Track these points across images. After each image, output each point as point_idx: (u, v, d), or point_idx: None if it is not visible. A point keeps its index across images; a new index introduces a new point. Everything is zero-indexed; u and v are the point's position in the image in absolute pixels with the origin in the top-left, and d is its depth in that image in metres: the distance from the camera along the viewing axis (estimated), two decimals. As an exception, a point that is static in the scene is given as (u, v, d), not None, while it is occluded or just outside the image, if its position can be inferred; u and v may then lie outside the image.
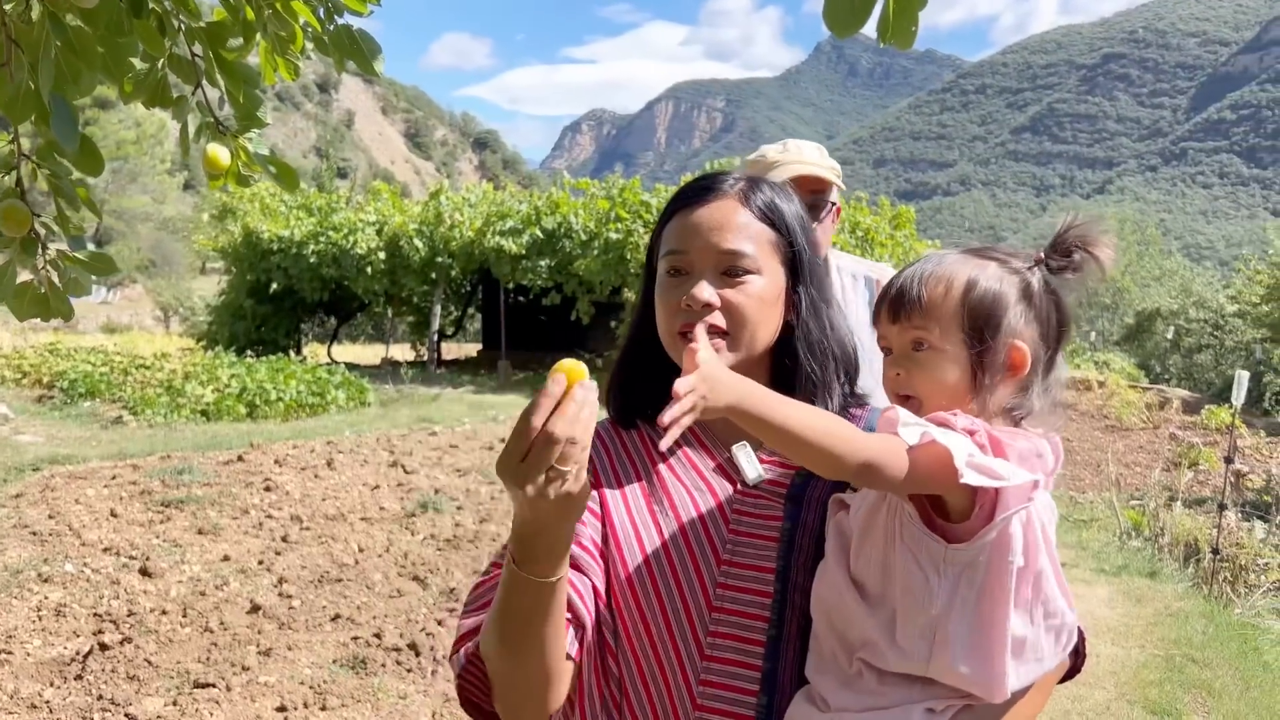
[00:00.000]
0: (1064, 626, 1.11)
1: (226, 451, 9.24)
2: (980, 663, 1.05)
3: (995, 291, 1.13)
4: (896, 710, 1.07)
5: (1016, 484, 1.01)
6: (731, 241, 1.22)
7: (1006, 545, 1.04)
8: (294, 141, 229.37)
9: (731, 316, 1.22)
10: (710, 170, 1.35)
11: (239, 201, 22.12)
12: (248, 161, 1.73)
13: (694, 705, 1.19)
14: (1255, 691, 5.22)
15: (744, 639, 1.19)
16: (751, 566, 1.21)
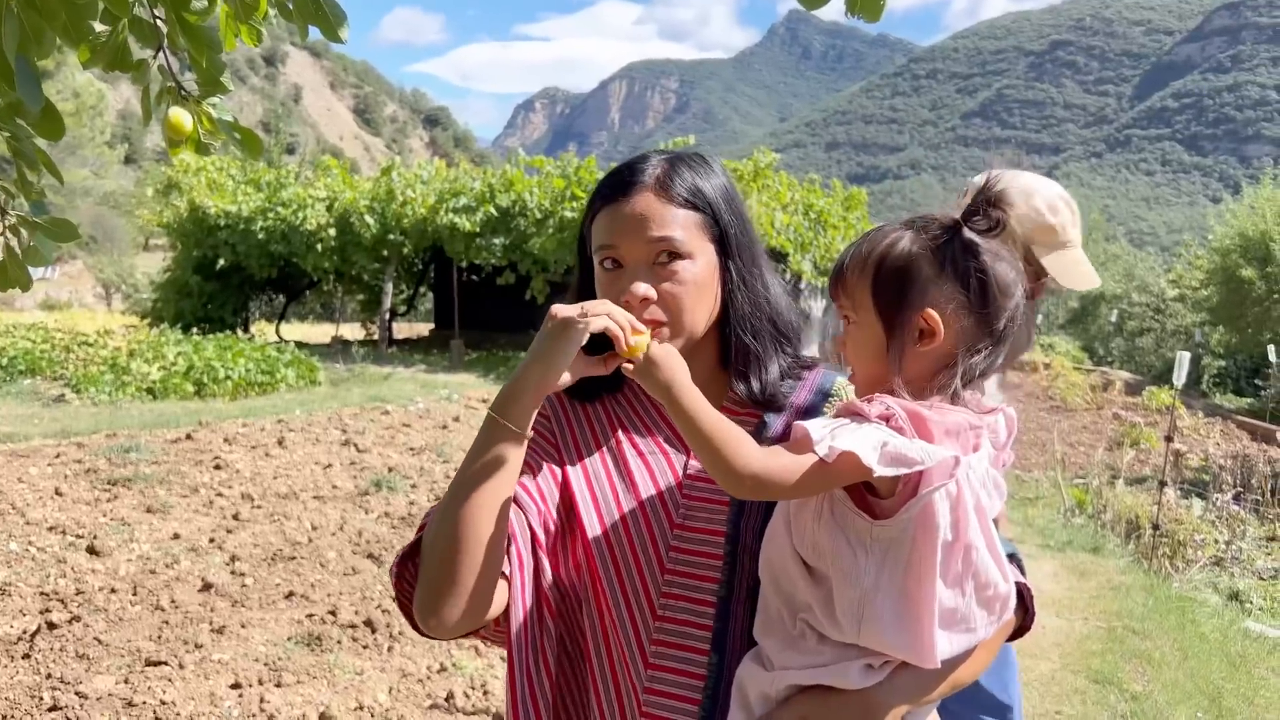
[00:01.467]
0: (997, 597, 1.12)
1: (174, 430, 9.09)
2: (908, 635, 1.07)
3: (901, 262, 1.12)
4: (835, 666, 1.10)
5: (926, 461, 1.01)
6: (657, 230, 1.24)
7: (932, 520, 1.05)
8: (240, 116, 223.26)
9: (668, 306, 1.24)
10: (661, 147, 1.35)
11: (184, 176, 21.64)
12: (210, 128, 1.70)
13: (646, 664, 1.22)
14: (1192, 660, 5.40)
15: (695, 600, 1.23)
16: (703, 530, 1.25)
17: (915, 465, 1.01)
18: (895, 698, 1.11)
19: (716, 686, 1.20)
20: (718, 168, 1.34)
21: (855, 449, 1.01)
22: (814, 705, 1.10)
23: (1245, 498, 9.97)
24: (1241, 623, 6.57)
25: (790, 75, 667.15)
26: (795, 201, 21.84)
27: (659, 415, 1.34)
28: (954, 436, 1.08)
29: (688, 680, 1.21)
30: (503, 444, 1.15)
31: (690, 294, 1.25)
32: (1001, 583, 1.12)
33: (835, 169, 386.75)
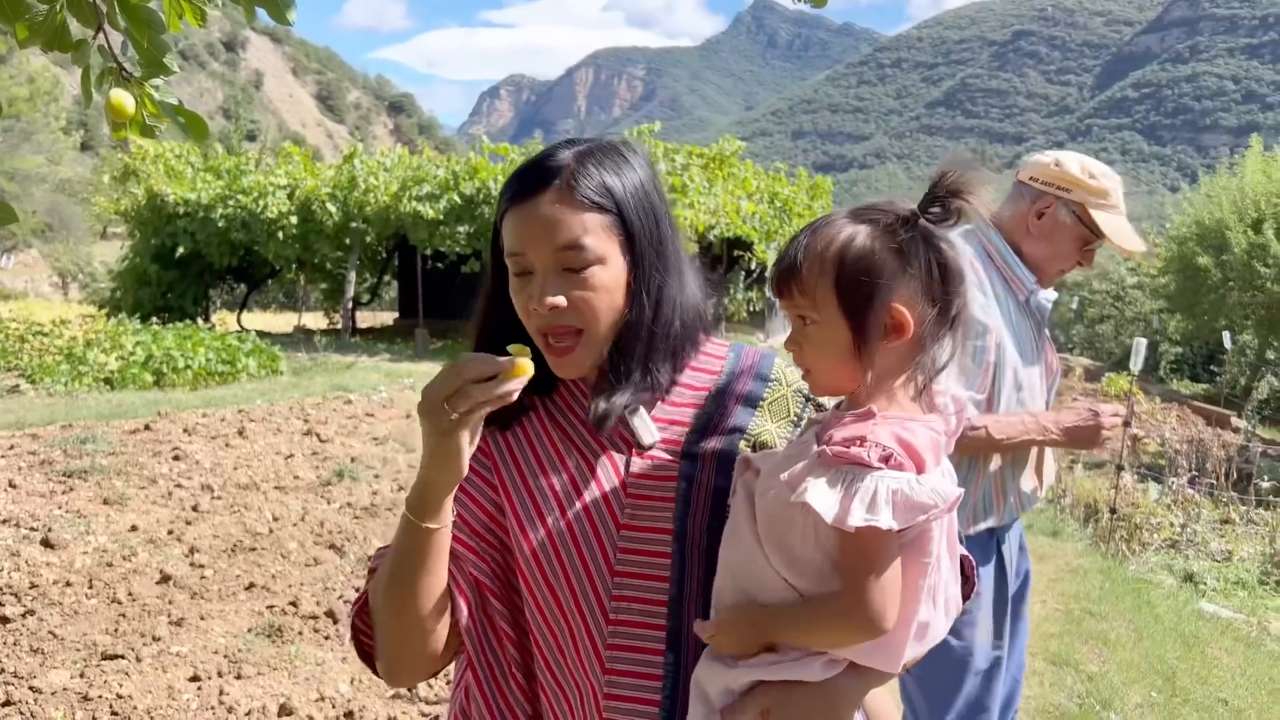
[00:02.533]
0: (952, 600, 1.14)
1: (132, 420, 8.95)
2: (884, 651, 1.08)
3: (867, 258, 1.10)
4: (800, 662, 1.09)
5: (936, 503, 1.00)
6: (564, 237, 1.19)
7: (925, 547, 1.06)
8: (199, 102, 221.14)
9: (580, 313, 1.20)
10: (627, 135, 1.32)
11: (141, 163, 21.28)
12: (153, 111, 1.67)
13: (603, 669, 1.21)
14: (1147, 642, 5.50)
15: (647, 600, 1.21)
16: (649, 529, 1.22)
17: (929, 510, 1.01)
18: (855, 688, 1.12)
19: (675, 686, 1.19)
20: (636, 160, 1.28)
21: (871, 522, 0.99)
22: (777, 696, 1.10)
23: (1200, 481, 10.15)
24: (1195, 604, 6.70)
25: (756, 64, 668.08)
26: (761, 190, 21.91)
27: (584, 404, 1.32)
28: (933, 451, 1.08)
29: (645, 682, 1.20)
30: (426, 540, 1.18)
31: (602, 300, 1.21)
32: (955, 586, 1.14)
33: (801, 158, 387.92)
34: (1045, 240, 2.47)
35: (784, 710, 1.09)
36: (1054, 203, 2.45)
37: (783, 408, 1.33)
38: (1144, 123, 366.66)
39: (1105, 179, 2.42)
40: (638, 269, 1.24)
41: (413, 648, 1.23)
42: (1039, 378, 2.49)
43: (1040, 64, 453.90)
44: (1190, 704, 4.61)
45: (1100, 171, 2.44)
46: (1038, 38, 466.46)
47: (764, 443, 1.28)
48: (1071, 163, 2.47)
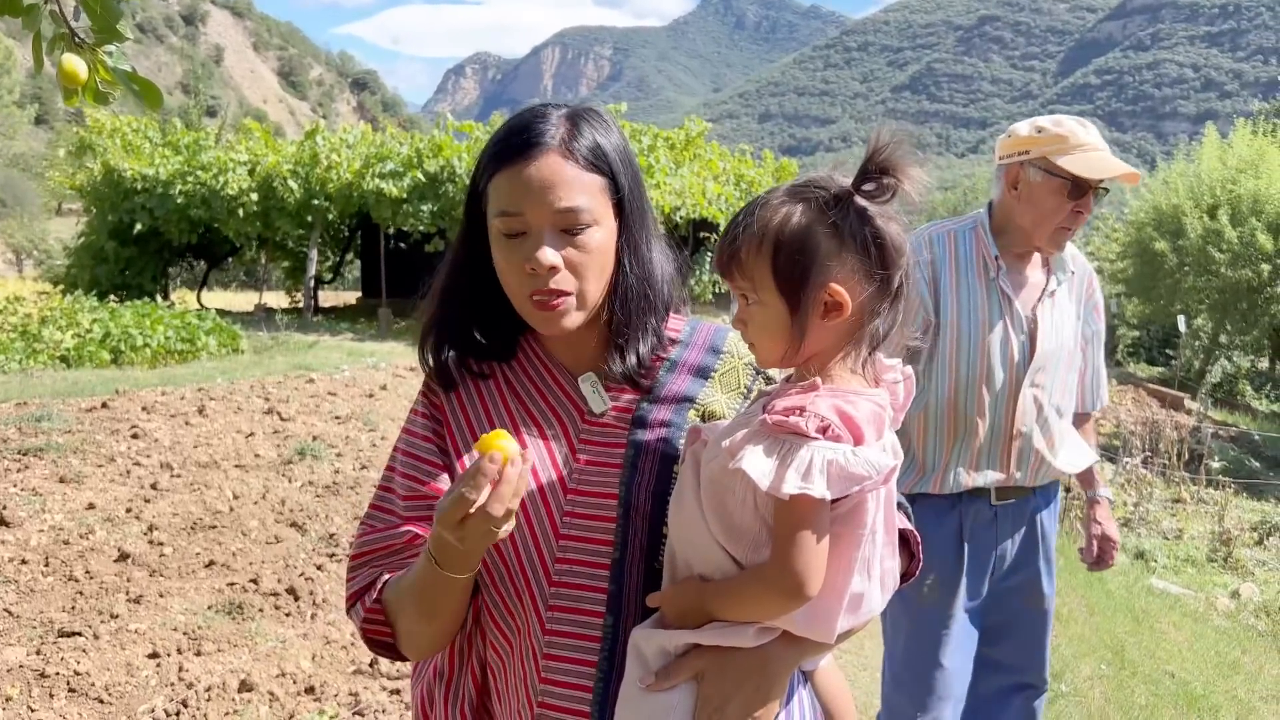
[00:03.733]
0: (888, 574, 1.15)
1: (90, 398, 8.83)
2: (818, 621, 1.10)
3: (802, 239, 1.10)
4: (732, 628, 1.12)
5: (870, 474, 1.02)
6: (566, 199, 1.19)
7: (860, 519, 1.08)
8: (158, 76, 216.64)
9: (577, 275, 1.21)
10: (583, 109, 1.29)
11: (98, 138, 20.87)
12: (106, 77, 1.65)
13: (544, 630, 1.22)
14: (1098, 617, 5.63)
15: (590, 563, 1.22)
16: (595, 493, 1.24)
17: (863, 482, 1.02)
18: (791, 652, 1.14)
19: (612, 649, 1.21)
20: (614, 124, 1.29)
21: (805, 490, 1.01)
22: (710, 661, 1.12)
23: (1153, 462, 10.37)
24: (1146, 580, 6.86)
25: (724, 45, 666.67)
26: (727, 172, 21.92)
27: (552, 380, 1.32)
28: (874, 424, 1.09)
29: (584, 643, 1.22)
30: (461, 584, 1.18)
31: (596, 262, 1.22)
32: (891, 560, 1.15)
33: (768, 140, 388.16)
34: (1028, 205, 2.53)
35: (717, 675, 1.12)
36: (1019, 168, 2.53)
37: (733, 380, 1.36)
38: (1105, 109, 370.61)
39: (1057, 126, 2.47)
40: (626, 231, 1.27)
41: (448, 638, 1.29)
42: (998, 344, 2.52)
43: (1005, 49, 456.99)
44: (1139, 676, 4.72)
45: (1050, 122, 2.50)
46: (1003, 23, 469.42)
47: (714, 413, 1.31)
48: (1021, 127, 2.57)
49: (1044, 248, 2.55)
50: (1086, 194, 2.45)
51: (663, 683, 1.12)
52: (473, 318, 1.31)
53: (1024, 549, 2.68)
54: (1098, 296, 2.77)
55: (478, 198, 1.27)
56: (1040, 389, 2.56)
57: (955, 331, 2.54)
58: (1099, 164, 2.42)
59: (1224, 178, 20.49)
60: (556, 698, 1.21)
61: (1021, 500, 2.65)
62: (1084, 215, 2.49)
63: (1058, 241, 2.52)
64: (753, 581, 1.09)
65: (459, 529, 1.05)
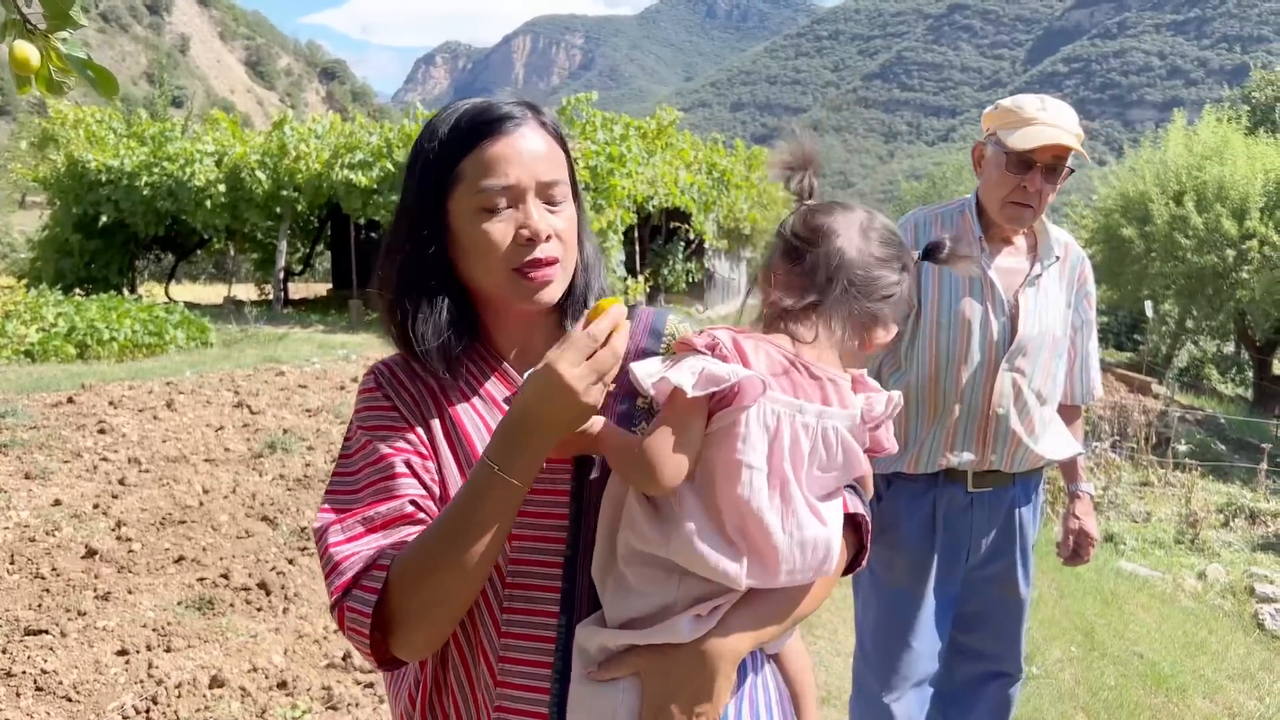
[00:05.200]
0: (814, 541, 1.14)
1: (55, 393, 8.71)
2: (714, 555, 1.10)
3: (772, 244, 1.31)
4: (664, 625, 1.11)
5: (738, 380, 1.09)
6: (549, 171, 1.22)
7: (734, 434, 1.11)
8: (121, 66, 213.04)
9: (562, 245, 1.23)
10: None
11: (61, 129, 20.52)
12: (60, 64, 1.61)
13: (499, 632, 1.21)
14: (1068, 599, 5.70)
15: (543, 563, 1.21)
16: (547, 491, 1.22)
17: (725, 382, 1.09)
18: (730, 643, 1.13)
19: (568, 647, 1.19)
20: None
21: (675, 381, 1.09)
22: (648, 660, 1.12)
23: (1122, 446, 10.49)
24: (1115, 563, 6.95)
25: (695, 34, 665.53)
26: (699, 161, 21.90)
27: (497, 377, 1.29)
28: (772, 369, 1.14)
29: (539, 645, 1.20)
30: (513, 500, 1.12)
31: (572, 235, 1.26)
32: (815, 525, 1.14)
33: (740, 129, 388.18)
34: (983, 181, 2.59)
35: (657, 673, 1.11)
36: (982, 146, 2.61)
37: None
38: (1074, 97, 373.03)
39: (1012, 102, 2.53)
40: (580, 212, 1.30)
41: (463, 608, 1.16)
42: (978, 325, 2.54)
43: (974, 38, 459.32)
44: (1108, 658, 4.79)
45: (1010, 100, 2.56)
46: (972, 11, 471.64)
47: None
48: (989, 108, 2.63)
49: (1001, 224, 2.57)
50: (1031, 169, 2.45)
51: (603, 674, 1.13)
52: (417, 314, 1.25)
53: (1000, 539, 2.70)
54: (1089, 285, 2.77)
55: (443, 187, 1.22)
56: (1020, 373, 2.58)
57: (936, 311, 2.56)
58: (1032, 135, 2.43)
59: (1190, 164, 20.71)
60: (514, 700, 1.19)
61: (999, 489, 2.66)
62: (1032, 190, 2.47)
63: (1009, 216, 2.54)
64: (626, 449, 1.14)
65: (598, 384, 1.07)
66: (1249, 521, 8.51)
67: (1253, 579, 6.86)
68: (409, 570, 1.12)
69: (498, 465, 1.10)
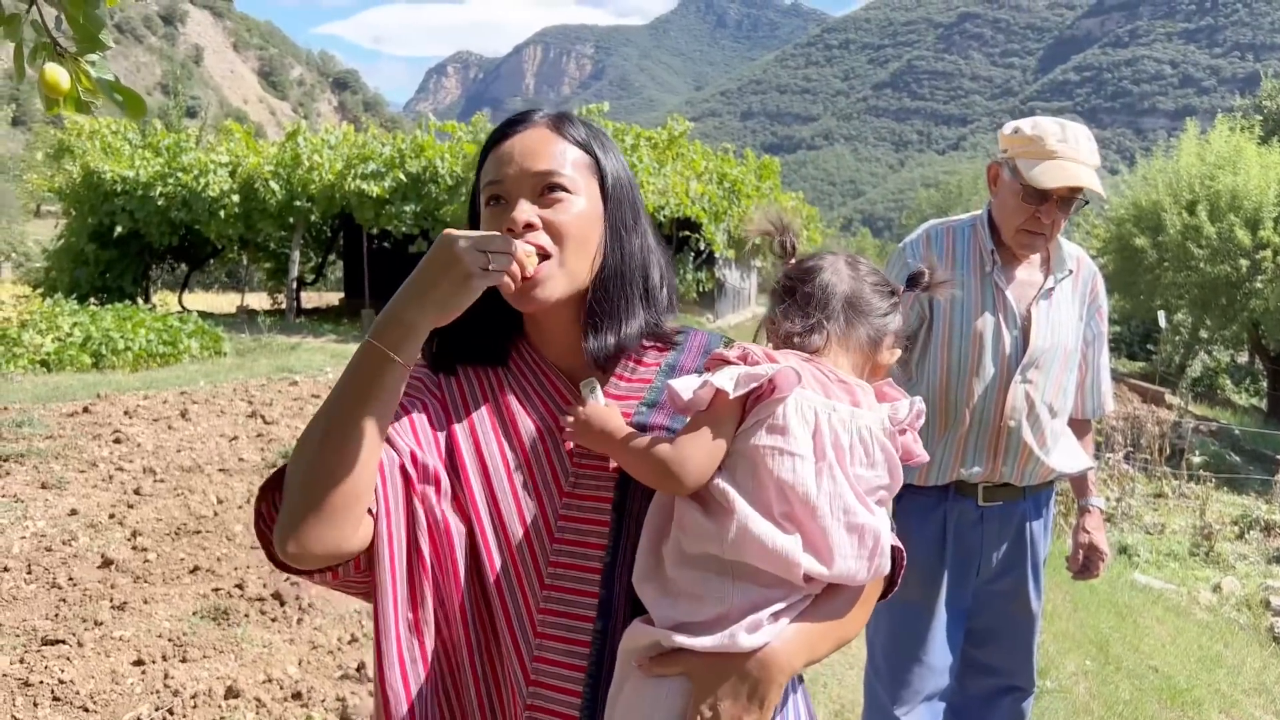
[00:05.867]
0: (863, 529, 1.15)
1: (71, 403, 8.77)
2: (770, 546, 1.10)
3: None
4: (721, 635, 1.11)
5: (770, 372, 1.14)
6: (545, 163, 1.25)
7: (774, 430, 1.14)
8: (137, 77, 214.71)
9: (553, 235, 1.23)
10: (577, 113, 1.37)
11: (77, 139, 20.70)
12: (89, 87, 1.63)
13: (535, 633, 1.22)
14: (1082, 612, 5.67)
15: (582, 567, 1.22)
16: (591, 497, 1.24)
17: (762, 377, 1.14)
18: (784, 656, 1.13)
19: (601, 653, 1.20)
20: (606, 135, 1.37)
21: (717, 384, 1.13)
22: (700, 664, 1.11)
23: (1135, 457, 10.44)
24: (1129, 575, 6.92)
25: (705, 43, 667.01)
26: (709, 170, 21.94)
27: (550, 385, 1.32)
28: (801, 375, 1.18)
29: (574, 648, 1.21)
30: (382, 371, 1.13)
31: (577, 225, 1.25)
32: (863, 512, 1.15)
33: (750, 138, 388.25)
34: (999, 203, 2.58)
35: (707, 678, 1.12)
36: (998, 167, 2.59)
37: None
38: (1085, 106, 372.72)
39: (1033, 129, 2.49)
40: (611, 217, 1.30)
41: (322, 500, 1.11)
42: (990, 337, 2.55)
43: (985, 46, 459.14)
44: (1123, 671, 4.77)
45: (1029, 124, 2.52)
46: (982, 20, 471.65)
47: None
48: (1007, 127, 2.60)
49: (1013, 248, 2.58)
50: (1046, 201, 2.45)
51: (654, 667, 1.13)
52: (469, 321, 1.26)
53: (1011, 554, 2.70)
54: (1102, 298, 2.76)
55: (476, 191, 1.32)
56: (1032, 385, 2.58)
57: (948, 323, 2.57)
58: (1053, 173, 2.41)
59: (1203, 174, 20.65)
60: (546, 700, 1.21)
61: (1010, 503, 2.67)
62: (1047, 221, 2.48)
63: (1022, 243, 2.54)
64: (652, 448, 1.16)
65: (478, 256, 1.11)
66: (1264, 534, 8.46)
67: (1269, 592, 6.82)
68: (294, 450, 1.16)
69: (370, 333, 1.14)
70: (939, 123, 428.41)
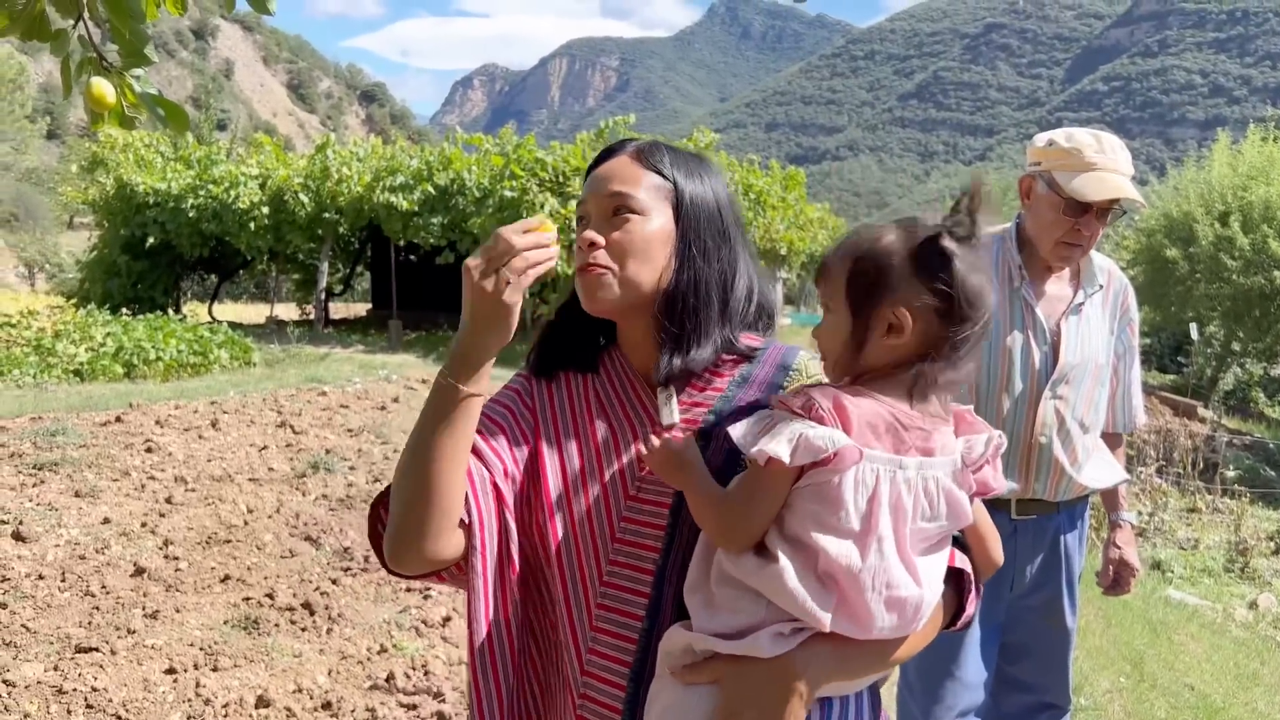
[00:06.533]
0: (904, 602, 1.14)
1: (103, 412, 8.87)
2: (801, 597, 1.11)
3: (880, 259, 1.17)
4: (748, 639, 1.13)
5: (832, 448, 1.08)
6: (616, 186, 1.33)
7: (828, 501, 1.11)
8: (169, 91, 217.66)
9: (613, 252, 1.31)
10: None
11: (110, 152, 21.00)
12: (133, 101, 1.66)
13: (591, 626, 1.30)
14: (1115, 628, 5.60)
15: (637, 568, 1.29)
16: (652, 502, 1.31)
17: (822, 453, 1.08)
18: (810, 669, 1.14)
19: (646, 650, 1.26)
20: (710, 165, 1.42)
21: (772, 452, 1.09)
22: (729, 668, 1.14)
23: (1167, 471, 10.31)
24: (1163, 591, 6.82)
25: (730, 55, 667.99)
26: (735, 182, 21.92)
27: (631, 390, 1.39)
28: (874, 429, 1.12)
29: (622, 644, 1.28)
30: (452, 402, 1.22)
31: (636, 245, 1.31)
32: (908, 585, 1.14)
33: (775, 149, 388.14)
34: (1034, 217, 2.55)
35: (734, 684, 1.14)
36: (1032, 180, 2.55)
37: None
38: (1113, 116, 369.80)
39: (1069, 142, 2.47)
40: (684, 239, 1.35)
41: (419, 520, 1.24)
42: (1019, 353, 2.53)
43: (1011, 57, 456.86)
44: (1157, 689, 4.69)
45: (1064, 137, 2.50)
46: (1009, 31, 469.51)
47: None
48: (1039, 139, 2.58)
49: (1049, 261, 2.55)
50: (1087, 213, 2.43)
51: (686, 675, 1.16)
52: (569, 331, 1.44)
53: (1045, 568, 2.66)
54: (1133, 312, 2.73)
55: None
56: (1063, 401, 2.55)
57: None
58: (1095, 185, 2.40)
59: (1235, 184, 20.43)
60: (596, 691, 1.29)
61: (1044, 517, 2.63)
62: (1086, 233, 2.46)
63: (1060, 256, 2.52)
64: (709, 500, 1.17)
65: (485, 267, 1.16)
66: (1301, 549, 8.32)
67: (1306, 609, 6.70)
68: (394, 473, 1.29)
69: (442, 368, 1.23)
70: (965, 133, 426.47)
